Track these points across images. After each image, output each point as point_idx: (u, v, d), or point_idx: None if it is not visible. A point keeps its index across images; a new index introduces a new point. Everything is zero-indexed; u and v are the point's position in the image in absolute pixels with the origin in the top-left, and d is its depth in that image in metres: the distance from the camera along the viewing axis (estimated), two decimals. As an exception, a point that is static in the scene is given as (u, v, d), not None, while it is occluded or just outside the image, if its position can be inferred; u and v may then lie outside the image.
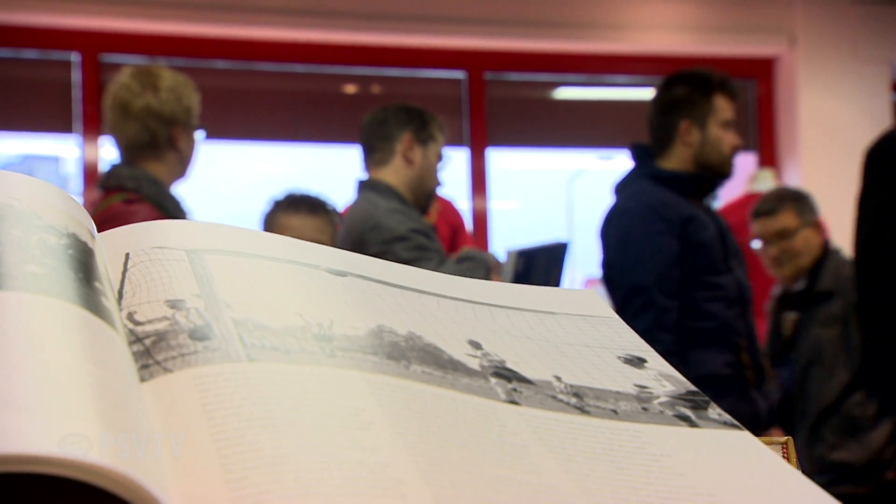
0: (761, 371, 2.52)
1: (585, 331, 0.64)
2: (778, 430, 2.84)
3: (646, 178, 2.56)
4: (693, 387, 0.59)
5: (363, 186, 2.58)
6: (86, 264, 0.50)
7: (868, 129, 4.83)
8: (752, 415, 2.40)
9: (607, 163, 6.26)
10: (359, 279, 0.60)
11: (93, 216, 0.58)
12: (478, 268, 2.44)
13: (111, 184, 2.23)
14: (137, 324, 0.48)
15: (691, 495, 0.48)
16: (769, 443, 0.57)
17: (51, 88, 4.39)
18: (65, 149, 6.12)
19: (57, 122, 4.40)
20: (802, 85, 4.88)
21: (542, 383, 0.55)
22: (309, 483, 0.39)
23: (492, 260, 2.53)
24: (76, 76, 4.32)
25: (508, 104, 4.88)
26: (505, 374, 0.55)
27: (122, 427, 0.39)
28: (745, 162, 4.89)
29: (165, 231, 0.57)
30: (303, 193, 2.59)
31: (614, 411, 0.55)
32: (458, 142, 4.70)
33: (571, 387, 0.56)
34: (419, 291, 0.62)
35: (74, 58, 4.32)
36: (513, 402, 0.52)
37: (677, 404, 0.57)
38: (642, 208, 2.48)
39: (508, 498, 0.44)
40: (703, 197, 2.59)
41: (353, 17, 4.52)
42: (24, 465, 0.35)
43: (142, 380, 0.45)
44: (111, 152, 2.58)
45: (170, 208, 2.19)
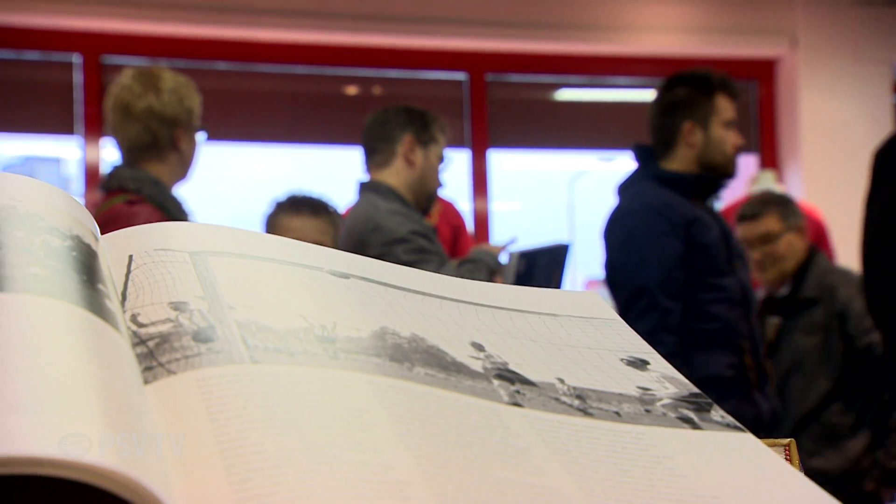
0: (763, 373, 2.51)
1: (588, 333, 0.64)
2: None
3: (649, 179, 2.55)
4: (696, 389, 0.59)
5: (364, 188, 2.58)
6: (89, 266, 0.50)
7: (869, 131, 4.83)
8: (755, 416, 2.39)
9: (608, 164, 6.26)
10: (362, 281, 0.60)
11: (94, 217, 0.58)
12: (479, 270, 2.43)
13: (113, 185, 2.23)
14: (141, 326, 0.48)
15: (694, 497, 0.48)
16: (772, 445, 0.57)
17: (52, 90, 4.39)
18: (66, 150, 6.12)
19: (58, 124, 4.40)
20: (803, 86, 4.88)
21: (544, 385, 0.55)
22: (312, 485, 0.39)
23: (495, 261, 2.52)
24: (78, 77, 4.33)
25: (510, 105, 4.88)
26: (508, 376, 0.55)
27: (126, 429, 0.39)
28: (747, 163, 4.89)
29: (169, 233, 0.57)
30: (304, 195, 2.58)
31: (617, 413, 0.55)
32: (459, 143, 4.70)
33: (574, 389, 0.56)
34: (422, 293, 0.62)
35: (76, 59, 4.33)
36: (516, 404, 0.52)
37: (680, 406, 0.57)
38: (646, 210, 2.47)
39: (511, 500, 0.44)
40: (706, 198, 2.58)
41: (354, 19, 4.52)
42: (25, 467, 0.35)
43: (145, 382, 0.45)
44: (113, 154, 2.58)
45: (172, 209, 2.19)
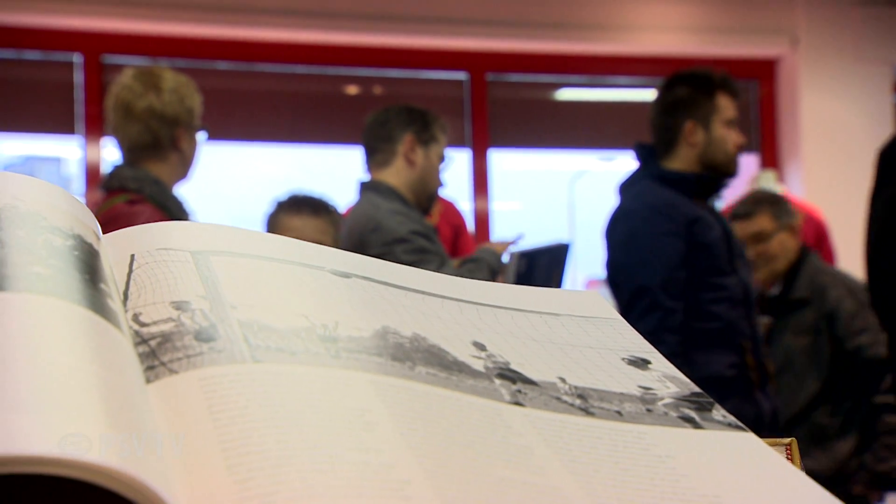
0: (765, 372, 2.51)
1: (589, 332, 0.64)
2: None
3: (650, 178, 2.55)
4: (697, 388, 0.59)
5: (365, 187, 2.58)
6: (91, 266, 0.50)
7: (870, 131, 4.83)
8: (756, 416, 2.39)
9: (609, 164, 6.25)
10: (363, 280, 0.60)
11: (95, 217, 0.58)
12: (480, 269, 2.43)
13: (114, 185, 2.23)
14: (143, 325, 0.48)
15: (696, 496, 0.48)
16: (773, 444, 0.57)
17: (53, 89, 4.39)
18: (67, 150, 6.12)
19: (59, 123, 4.40)
20: (804, 86, 4.88)
21: (546, 385, 0.55)
22: (314, 484, 0.39)
23: (497, 261, 2.51)
24: (78, 77, 4.33)
25: (510, 105, 4.88)
26: (509, 375, 0.55)
27: (128, 428, 0.39)
28: (747, 163, 4.89)
29: (170, 232, 0.57)
30: (305, 195, 2.58)
31: (619, 413, 0.55)
32: (459, 143, 4.70)
33: (576, 388, 0.56)
34: (423, 293, 0.62)
35: (77, 59, 4.33)
36: (517, 403, 0.53)
37: (681, 406, 0.57)
38: (647, 209, 2.46)
39: (513, 499, 0.44)
40: (708, 197, 2.58)
41: (355, 19, 4.52)
42: (25, 466, 0.35)
43: (147, 381, 0.45)
44: (113, 153, 2.58)
45: (173, 209, 2.19)
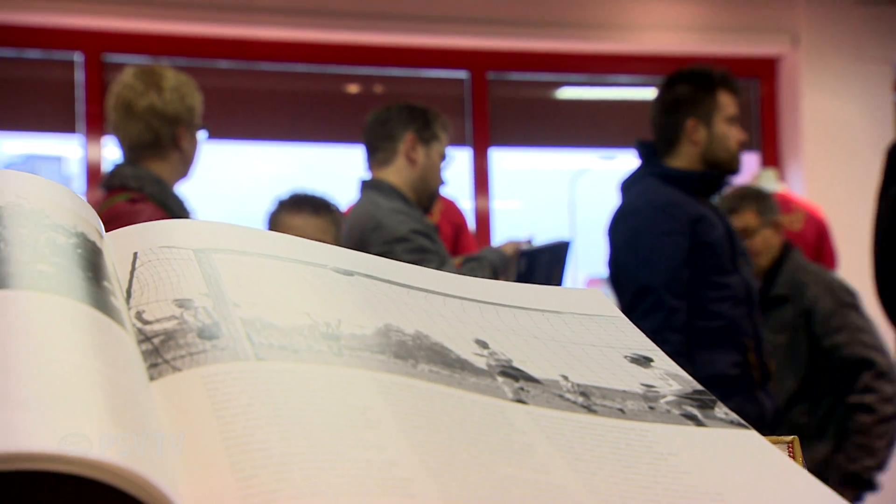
0: (766, 371, 2.50)
1: (591, 330, 0.64)
2: None
3: (653, 176, 2.53)
4: (699, 386, 0.59)
5: (366, 186, 2.57)
6: (94, 263, 0.50)
7: (871, 130, 4.82)
8: (759, 414, 2.39)
9: (610, 162, 6.26)
10: (365, 278, 0.60)
11: (97, 215, 0.58)
12: (482, 268, 2.43)
13: (114, 183, 2.23)
14: (146, 323, 0.48)
15: (698, 494, 0.48)
16: (775, 442, 0.57)
17: (54, 88, 4.39)
18: (68, 149, 6.13)
19: (60, 122, 4.40)
20: (805, 85, 4.88)
21: (548, 382, 0.56)
22: (317, 481, 0.39)
23: (500, 260, 2.51)
24: (79, 76, 4.32)
25: (511, 104, 4.88)
26: (512, 373, 0.55)
27: (131, 425, 0.39)
28: (748, 162, 4.88)
29: (173, 230, 0.57)
30: (307, 194, 2.58)
31: (621, 410, 0.55)
32: (460, 141, 4.70)
33: (578, 386, 0.56)
34: (425, 290, 0.62)
35: (77, 58, 4.32)
36: (520, 401, 0.53)
37: (684, 403, 0.57)
38: (650, 208, 2.45)
39: (516, 496, 0.44)
40: (710, 195, 2.57)
41: (356, 17, 4.52)
42: (27, 463, 0.35)
43: (151, 378, 0.45)
44: (114, 152, 2.58)
45: (173, 208, 2.19)
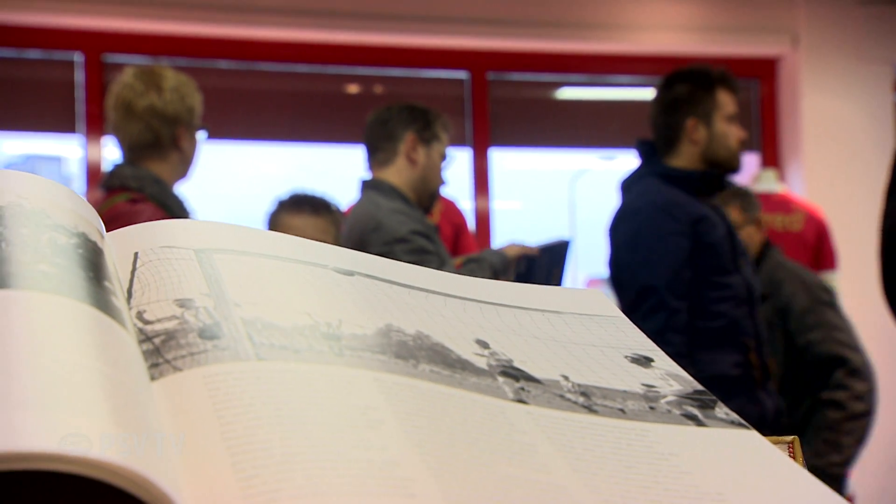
0: (767, 370, 2.50)
1: (592, 330, 0.64)
2: None
3: (653, 176, 2.52)
4: (700, 386, 0.59)
5: (366, 186, 2.57)
6: (95, 263, 0.50)
7: (870, 130, 4.82)
8: (760, 415, 2.38)
9: (610, 163, 6.25)
10: (366, 278, 0.60)
11: (98, 215, 0.58)
12: (482, 269, 2.42)
13: (114, 183, 2.23)
14: (147, 323, 0.48)
15: (699, 494, 0.48)
16: (775, 442, 0.57)
17: (54, 88, 4.39)
18: (68, 149, 6.12)
19: (60, 122, 4.40)
20: (805, 85, 4.88)
21: (549, 382, 0.56)
22: (319, 481, 0.39)
23: (501, 261, 2.50)
24: (79, 76, 4.32)
25: (511, 104, 4.88)
26: (512, 373, 0.55)
27: (132, 425, 0.39)
28: (748, 162, 4.88)
29: (174, 230, 0.57)
30: (306, 194, 2.58)
31: (622, 410, 0.55)
32: (460, 142, 4.69)
33: (579, 386, 0.56)
34: (426, 291, 0.62)
35: (77, 58, 4.32)
36: (521, 401, 0.53)
37: (684, 403, 0.57)
38: (652, 208, 2.44)
39: (517, 496, 0.44)
40: (711, 195, 2.55)
41: (356, 18, 4.52)
42: (27, 463, 0.35)
43: (152, 378, 0.45)
44: (114, 152, 2.58)
45: (173, 208, 2.19)
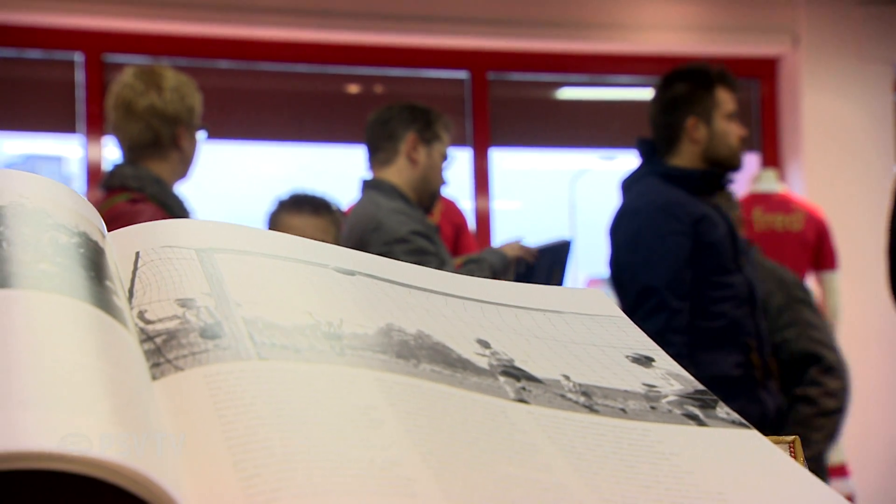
0: (768, 369, 2.49)
1: (593, 330, 0.64)
2: None
3: (654, 175, 2.51)
4: (701, 386, 0.59)
5: (367, 186, 2.57)
6: (97, 263, 0.50)
7: (871, 130, 4.82)
8: (761, 415, 2.37)
9: (610, 163, 6.26)
10: (367, 278, 0.60)
11: (98, 215, 0.58)
12: (482, 270, 2.42)
13: (114, 183, 2.23)
14: (148, 322, 0.48)
15: (699, 493, 0.48)
16: (776, 442, 0.57)
17: (54, 88, 4.39)
18: (68, 149, 6.13)
19: (60, 122, 4.40)
20: (805, 85, 4.88)
21: (550, 382, 0.56)
22: (320, 481, 0.39)
23: (501, 261, 2.50)
24: (79, 76, 4.32)
25: (511, 104, 4.88)
26: (513, 372, 0.55)
27: (134, 425, 0.39)
28: (748, 162, 4.88)
29: (175, 230, 0.57)
30: (306, 194, 2.58)
31: (623, 410, 0.55)
32: (460, 142, 4.69)
33: (580, 385, 0.56)
34: (427, 290, 0.62)
35: (78, 58, 4.32)
36: (522, 400, 0.53)
37: (685, 403, 0.57)
38: (652, 208, 2.42)
39: (518, 496, 0.44)
40: (712, 194, 2.54)
41: (356, 18, 4.52)
42: (28, 462, 0.35)
43: (153, 378, 0.45)
44: (114, 152, 2.58)
45: (174, 208, 2.19)
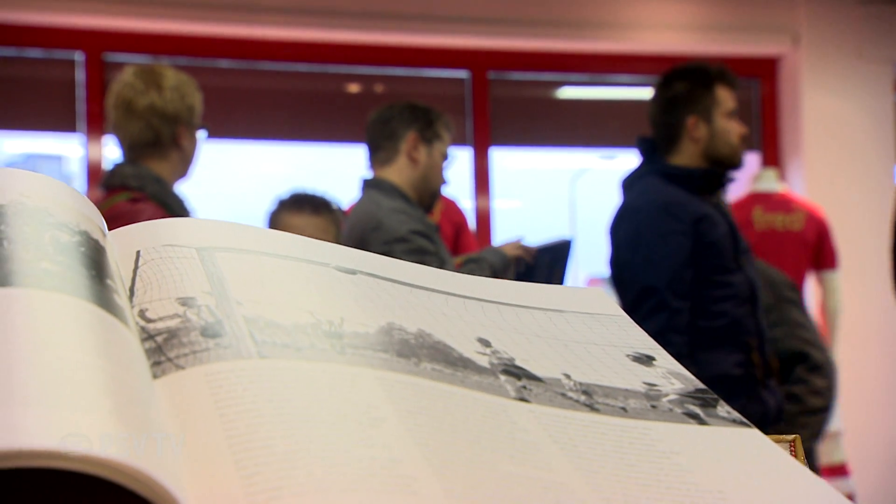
0: (769, 368, 2.48)
1: (594, 329, 0.64)
2: None
3: (654, 174, 2.50)
4: (701, 384, 0.59)
5: (368, 185, 2.57)
6: (98, 262, 0.50)
7: (871, 129, 4.82)
8: (762, 414, 2.36)
9: (610, 162, 6.26)
10: (368, 277, 0.60)
11: (99, 214, 0.58)
12: (481, 269, 2.42)
13: (115, 182, 2.22)
14: (149, 321, 0.49)
15: (700, 492, 0.48)
16: (777, 441, 0.57)
17: (54, 87, 4.39)
18: (68, 148, 6.13)
19: (60, 121, 4.40)
20: (806, 84, 4.88)
21: (551, 381, 0.56)
22: (321, 479, 0.39)
23: (501, 261, 2.50)
24: (80, 75, 4.32)
25: (512, 103, 4.88)
26: (514, 371, 0.55)
27: (135, 423, 0.39)
28: (749, 161, 4.88)
29: (176, 229, 0.57)
30: (307, 193, 2.58)
31: (623, 409, 0.55)
32: (461, 141, 4.69)
33: (580, 384, 0.56)
34: (428, 289, 0.62)
35: (78, 57, 4.32)
36: (522, 399, 0.53)
37: (686, 402, 0.57)
38: (653, 207, 2.42)
39: (519, 494, 0.44)
40: (712, 193, 2.53)
41: (357, 17, 4.52)
42: (29, 461, 0.35)
43: (154, 377, 0.45)
44: (114, 151, 2.58)
45: (174, 207, 2.19)
